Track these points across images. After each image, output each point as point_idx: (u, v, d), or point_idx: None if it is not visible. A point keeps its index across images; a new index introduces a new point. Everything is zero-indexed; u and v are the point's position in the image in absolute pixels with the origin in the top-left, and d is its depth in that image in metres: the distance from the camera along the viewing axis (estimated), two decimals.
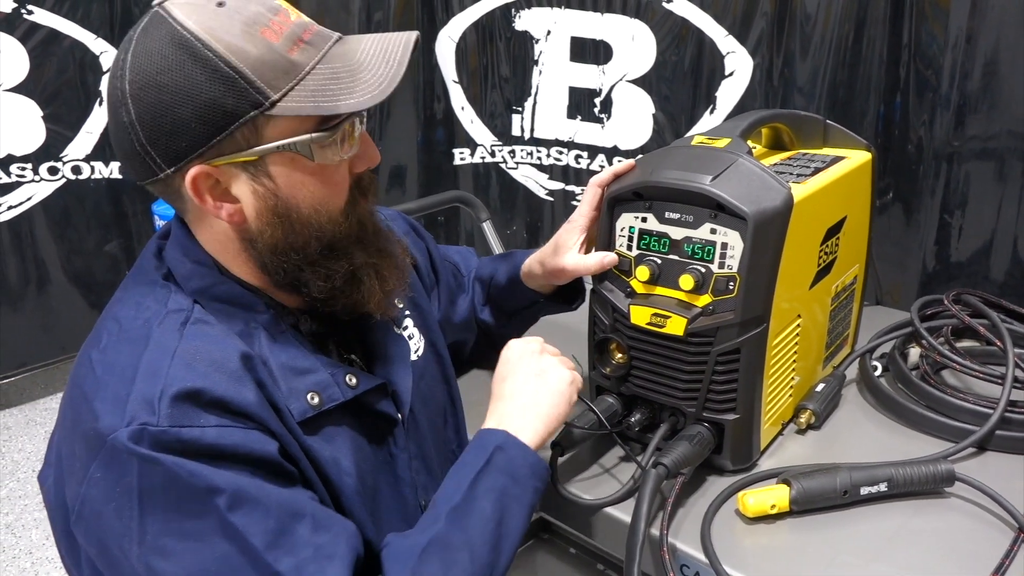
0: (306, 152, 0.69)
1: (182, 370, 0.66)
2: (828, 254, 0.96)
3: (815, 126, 1.06)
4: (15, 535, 2.07)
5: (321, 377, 0.75)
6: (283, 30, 0.68)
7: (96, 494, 0.64)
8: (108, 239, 2.53)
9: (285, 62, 0.67)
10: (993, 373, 0.96)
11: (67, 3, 2.30)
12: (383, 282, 0.78)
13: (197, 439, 0.63)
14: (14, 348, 2.51)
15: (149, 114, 0.66)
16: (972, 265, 1.61)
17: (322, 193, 0.72)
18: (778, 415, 0.94)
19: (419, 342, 0.92)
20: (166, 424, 0.63)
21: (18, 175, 2.38)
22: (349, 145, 0.72)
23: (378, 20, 2.38)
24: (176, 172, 0.68)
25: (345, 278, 0.75)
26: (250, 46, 0.66)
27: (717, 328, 0.83)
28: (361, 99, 0.68)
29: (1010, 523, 0.80)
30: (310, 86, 0.68)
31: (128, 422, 0.63)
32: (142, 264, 0.77)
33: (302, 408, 0.73)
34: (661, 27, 2.09)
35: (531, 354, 0.84)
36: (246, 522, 0.64)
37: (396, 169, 2.54)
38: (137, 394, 0.64)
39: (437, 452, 0.91)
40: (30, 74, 2.30)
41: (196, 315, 0.71)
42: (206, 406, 0.65)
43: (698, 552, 0.78)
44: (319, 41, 0.70)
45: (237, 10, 0.67)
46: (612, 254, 0.89)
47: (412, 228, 1.04)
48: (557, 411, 0.80)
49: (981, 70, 1.51)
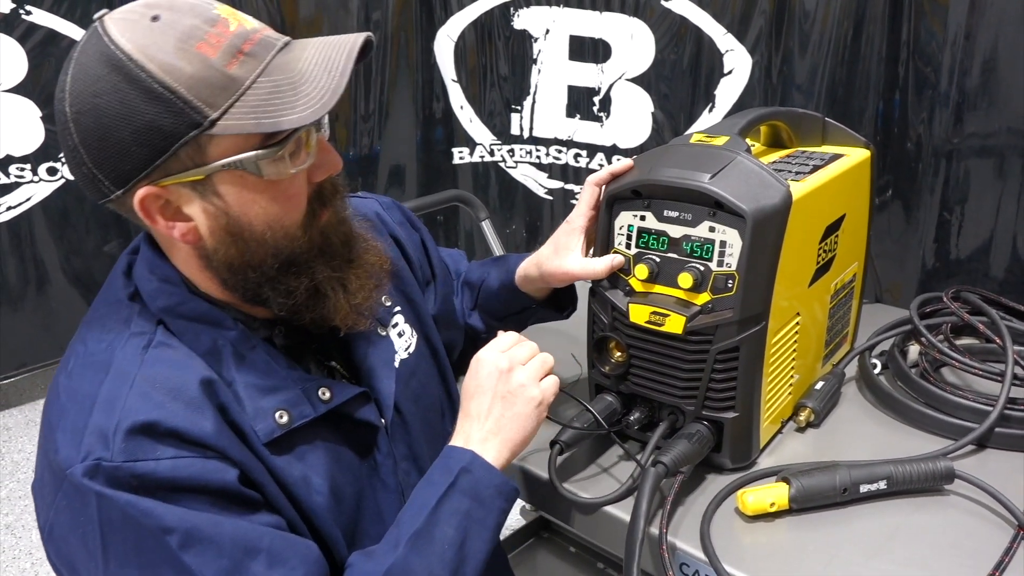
0: (253, 169, 0.67)
1: (138, 400, 0.65)
2: (827, 252, 0.95)
3: (814, 124, 1.06)
4: (15, 535, 2.07)
5: (290, 395, 0.73)
6: (221, 43, 0.65)
7: (63, 520, 0.65)
8: (107, 239, 2.53)
9: (223, 78, 0.64)
10: (992, 370, 0.96)
11: (65, 3, 2.30)
12: (350, 295, 0.76)
13: (151, 473, 0.63)
14: (14, 349, 2.51)
15: (91, 138, 0.65)
16: (972, 262, 1.61)
17: (276, 209, 0.70)
18: (777, 413, 0.93)
19: (411, 338, 0.92)
20: (120, 459, 0.63)
21: (17, 176, 2.38)
22: (303, 156, 0.70)
23: (376, 19, 2.38)
24: (125, 194, 0.67)
25: (308, 294, 0.73)
26: (185, 63, 0.64)
27: (716, 326, 0.83)
28: (303, 114, 0.65)
29: (1010, 520, 0.80)
30: (251, 102, 0.65)
31: (84, 456, 0.63)
32: (111, 282, 0.76)
33: (269, 428, 0.71)
34: (660, 25, 2.09)
35: (499, 373, 0.80)
36: (199, 562, 0.63)
37: (395, 168, 2.54)
38: (93, 426, 0.64)
39: (431, 449, 0.90)
40: (29, 74, 2.30)
41: (158, 338, 0.70)
42: (161, 437, 0.65)
43: (697, 550, 0.78)
44: (261, 52, 0.67)
45: (172, 24, 0.65)
46: (620, 256, 0.89)
47: (407, 219, 1.02)
48: (523, 435, 0.80)
49: (980, 67, 1.51)
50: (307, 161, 0.70)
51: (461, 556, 0.72)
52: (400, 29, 2.40)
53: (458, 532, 0.73)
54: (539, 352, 0.85)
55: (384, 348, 0.86)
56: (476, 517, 0.74)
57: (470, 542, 0.73)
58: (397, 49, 2.42)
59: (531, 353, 0.84)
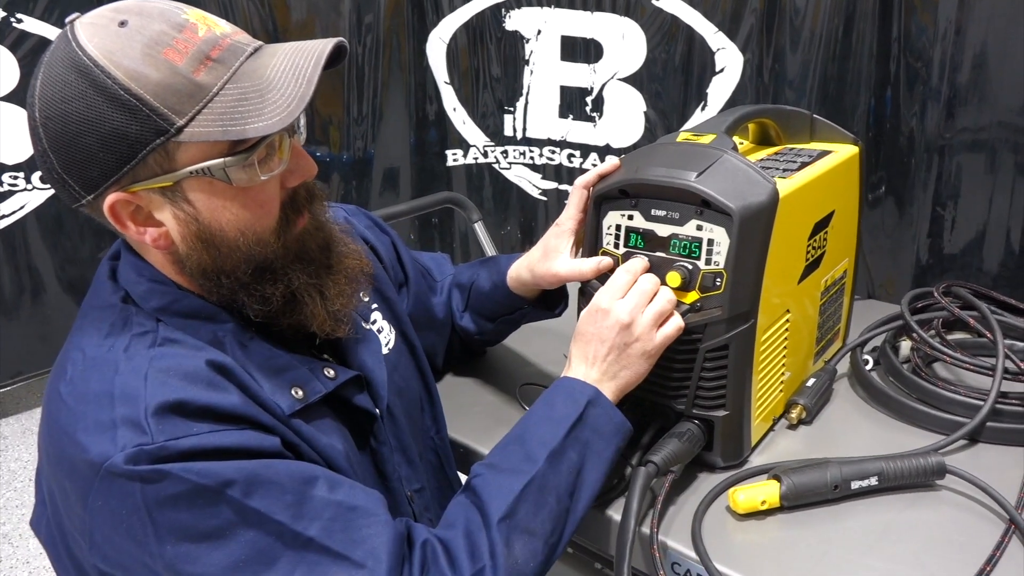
0: (222, 176, 0.67)
1: (158, 388, 0.65)
2: (816, 248, 0.95)
3: (802, 121, 1.06)
4: (12, 545, 2.06)
5: (300, 372, 0.75)
6: (188, 49, 0.64)
7: (103, 522, 0.64)
8: (102, 247, 2.53)
9: (190, 85, 0.64)
10: (984, 365, 0.96)
11: (56, 11, 2.29)
12: (328, 302, 0.76)
13: (195, 446, 0.63)
14: (9, 357, 2.51)
15: (59, 143, 0.65)
16: (965, 257, 1.60)
17: (247, 215, 0.70)
18: (768, 411, 0.93)
19: (389, 334, 0.92)
20: (162, 440, 0.62)
21: (10, 184, 2.38)
22: (276, 162, 0.69)
23: (368, 22, 2.38)
24: (96, 199, 0.67)
25: (284, 300, 0.73)
26: (151, 70, 0.63)
27: (705, 324, 0.83)
28: (269, 122, 0.64)
29: (1001, 515, 0.80)
30: (217, 109, 0.64)
31: (121, 447, 0.62)
32: (97, 288, 0.75)
33: (289, 403, 0.72)
34: (651, 25, 2.09)
35: (619, 328, 0.80)
36: (266, 503, 0.64)
37: (389, 171, 2.54)
38: (121, 419, 0.63)
39: (416, 441, 0.91)
40: (20, 82, 2.30)
41: (162, 334, 0.70)
42: (193, 415, 0.64)
43: (689, 550, 0.78)
44: (229, 58, 0.66)
45: (139, 30, 0.64)
46: (608, 258, 0.88)
47: (374, 223, 1.03)
48: (634, 380, 0.83)
49: (971, 62, 1.51)
50: (279, 167, 0.70)
51: (579, 482, 0.76)
52: (392, 32, 2.39)
53: (579, 459, 0.77)
54: (660, 289, 0.83)
55: (372, 339, 0.87)
56: (595, 449, 0.78)
57: (586, 472, 0.77)
58: (390, 52, 2.41)
59: (651, 294, 0.83)
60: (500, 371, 1.14)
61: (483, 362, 1.17)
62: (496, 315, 1.04)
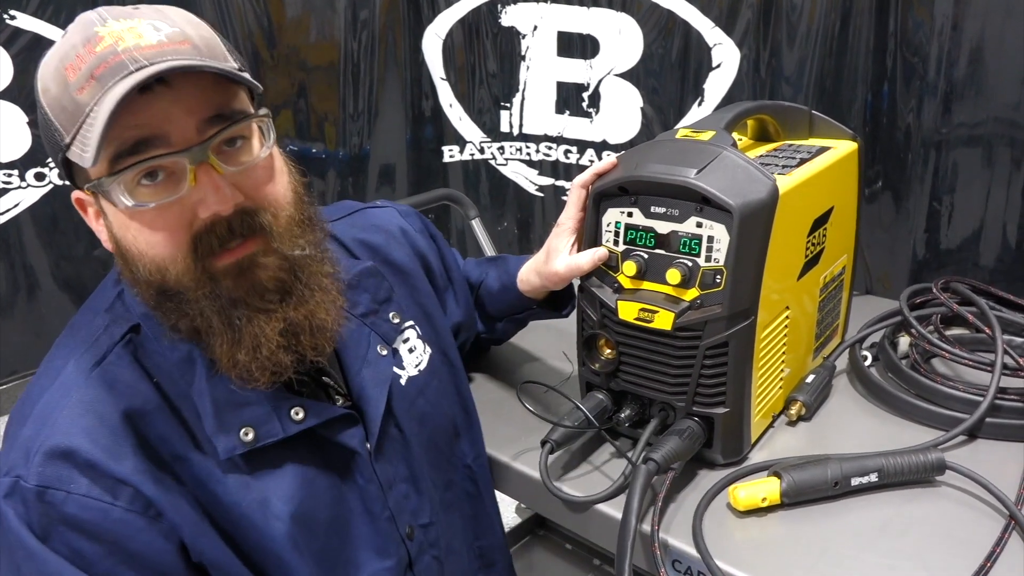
0: (107, 197, 0.66)
1: (67, 421, 0.65)
2: (815, 245, 0.95)
3: (800, 117, 1.06)
4: None
5: (259, 411, 0.70)
6: (81, 65, 0.62)
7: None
8: (97, 244, 2.50)
9: (72, 103, 0.62)
10: (983, 360, 0.96)
11: (51, 7, 2.27)
12: (240, 349, 0.67)
13: (60, 504, 0.63)
14: (5, 355, 2.50)
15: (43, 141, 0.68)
16: (962, 251, 1.61)
17: (143, 239, 0.66)
18: (768, 407, 0.93)
19: (423, 354, 0.89)
20: (34, 482, 0.63)
21: (4, 182, 2.36)
22: (171, 189, 0.64)
23: (364, 18, 2.37)
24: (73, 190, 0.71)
25: (189, 334, 0.69)
26: (53, 85, 0.63)
27: (705, 322, 0.83)
28: (85, 154, 0.61)
29: (1001, 511, 0.80)
30: (86, 132, 0.61)
31: (7, 471, 0.64)
32: (99, 291, 0.76)
33: (230, 445, 0.69)
34: (647, 20, 2.08)
35: None
36: None
37: (385, 168, 2.53)
38: (23, 440, 0.65)
39: (435, 472, 0.87)
40: (14, 80, 2.28)
41: (113, 356, 0.69)
42: (78, 467, 0.64)
43: (689, 547, 0.78)
44: (107, 76, 0.61)
45: (66, 40, 0.64)
46: (603, 249, 0.88)
47: (425, 227, 1.01)
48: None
49: (967, 57, 1.51)
50: (177, 194, 0.65)
51: None
52: (388, 28, 2.38)
53: None
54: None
55: (380, 369, 0.82)
56: None
57: None
58: (385, 48, 2.40)
59: None
60: (501, 369, 1.14)
61: (484, 360, 1.17)
62: (504, 315, 1.05)
